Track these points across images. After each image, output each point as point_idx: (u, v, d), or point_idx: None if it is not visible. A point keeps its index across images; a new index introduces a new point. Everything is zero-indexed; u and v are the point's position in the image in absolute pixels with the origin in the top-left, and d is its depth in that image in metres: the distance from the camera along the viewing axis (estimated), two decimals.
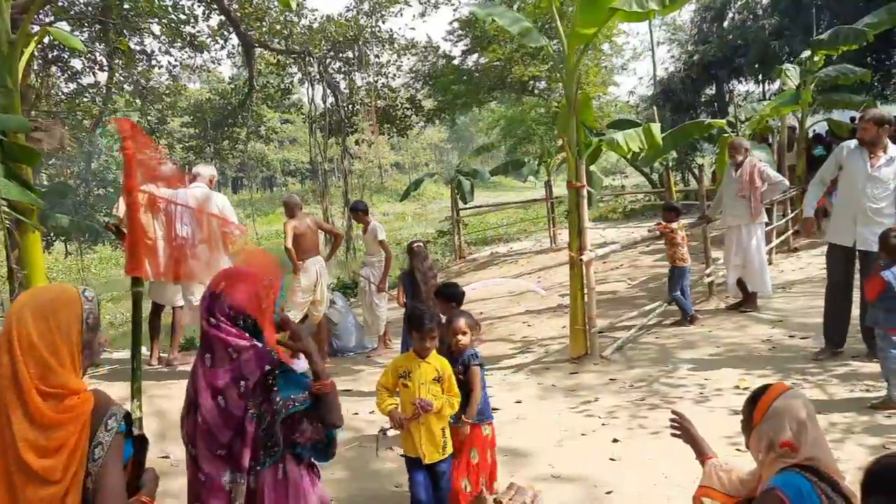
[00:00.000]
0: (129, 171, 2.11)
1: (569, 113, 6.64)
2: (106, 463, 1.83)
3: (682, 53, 22.40)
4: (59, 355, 1.83)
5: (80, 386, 1.86)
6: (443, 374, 3.68)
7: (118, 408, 1.89)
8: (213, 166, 6.73)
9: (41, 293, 1.91)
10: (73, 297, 1.91)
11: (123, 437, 1.90)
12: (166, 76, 17.70)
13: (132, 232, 2.13)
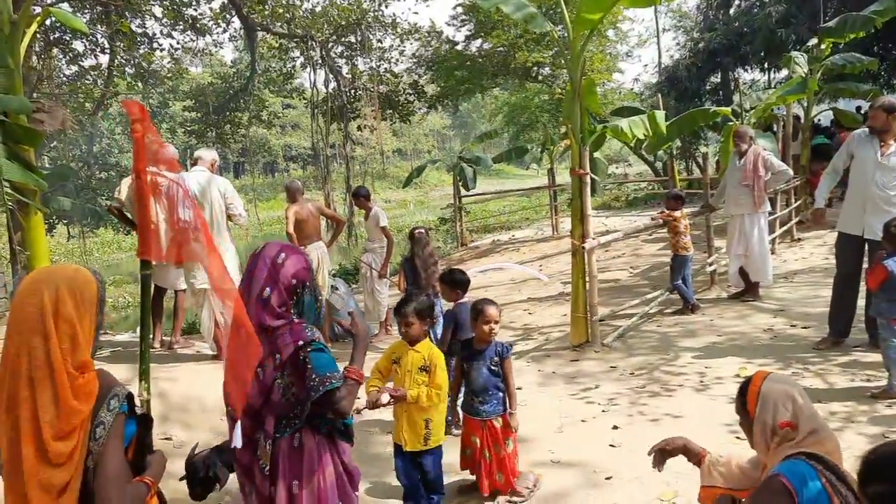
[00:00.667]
0: (139, 154, 2.11)
1: (573, 99, 6.61)
2: (107, 442, 1.83)
3: (688, 41, 22.25)
4: (84, 332, 1.86)
5: (92, 367, 1.89)
6: (430, 363, 3.66)
7: (121, 388, 1.90)
8: (215, 150, 6.70)
9: (62, 270, 1.92)
10: (90, 277, 1.94)
11: (126, 417, 1.90)
12: (168, 59, 17.64)
13: (143, 215, 2.13)
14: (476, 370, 3.84)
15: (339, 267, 13.51)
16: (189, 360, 6.32)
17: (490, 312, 3.83)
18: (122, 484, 1.87)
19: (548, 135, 17.09)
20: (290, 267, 2.42)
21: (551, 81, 19.46)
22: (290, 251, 2.47)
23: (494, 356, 3.81)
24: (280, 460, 2.40)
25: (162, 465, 2.13)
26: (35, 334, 1.80)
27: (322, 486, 2.47)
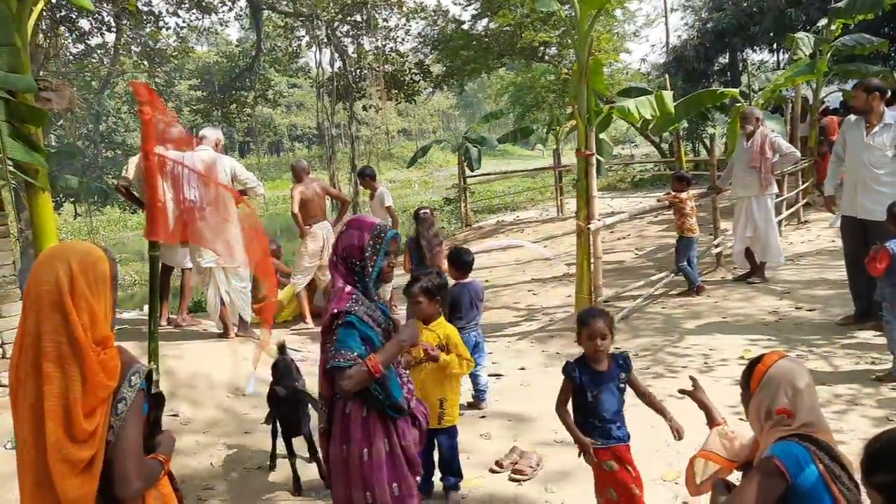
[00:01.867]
0: (147, 134, 2.11)
1: (580, 80, 6.56)
2: (127, 418, 1.85)
3: (696, 21, 22.06)
4: (102, 308, 1.88)
5: (112, 342, 1.90)
6: (447, 341, 3.66)
7: (141, 365, 1.93)
8: (220, 129, 6.69)
9: (74, 247, 1.93)
10: (102, 255, 1.95)
11: (144, 395, 1.93)
12: (174, 38, 17.54)
13: (151, 196, 2.14)
14: (606, 395, 3.11)
15: None
16: (195, 338, 6.37)
17: (595, 326, 3.08)
18: (140, 458, 1.90)
19: (554, 115, 16.99)
20: (343, 239, 2.63)
21: (558, 61, 19.31)
22: (352, 225, 2.66)
23: (620, 373, 3.14)
24: (333, 423, 2.62)
25: (171, 444, 2.15)
26: (55, 311, 1.81)
27: (367, 459, 2.55)
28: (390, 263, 2.65)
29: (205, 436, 4.82)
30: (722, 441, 2.46)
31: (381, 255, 2.58)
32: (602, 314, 3.16)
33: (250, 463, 4.44)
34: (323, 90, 19.89)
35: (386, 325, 2.64)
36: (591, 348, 3.07)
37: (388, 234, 2.61)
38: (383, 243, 2.58)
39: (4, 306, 4.70)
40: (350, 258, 2.59)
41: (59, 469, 1.79)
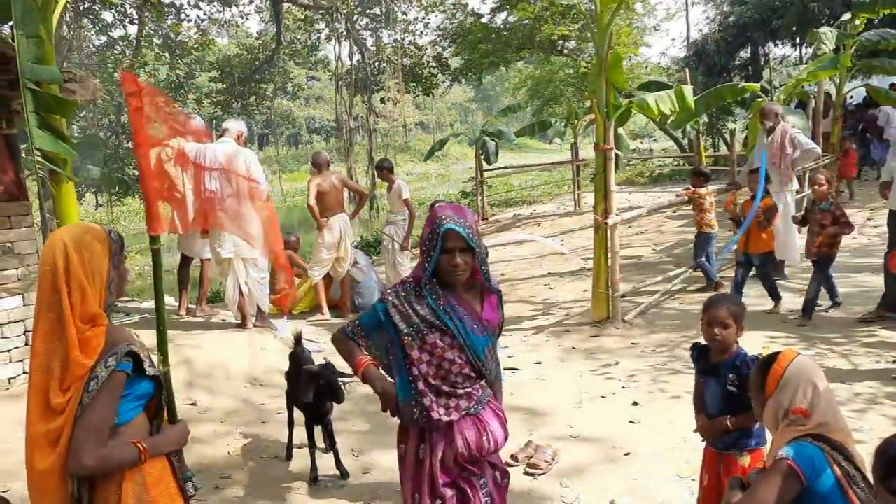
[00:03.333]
0: (137, 127, 2.06)
1: (599, 74, 6.54)
2: (96, 396, 1.84)
3: (717, 14, 21.78)
4: (94, 287, 1.90)
5: (102, 321, 1.92)
6: None
7: (124, 346, 1.90)
8: (243, 122, 6.73)
9: (74, 228, 1.98)
10: (103, 235, 1.98)
11: (128, 377, 1.91)
12: (195, 30, 17.64)
13: (147, 191, 2.11)
14: (709, 389, 2.83)
15: (361, 239, 13.58)
16: (214, 328, 6.43)
17: (713, 313, 2.78)
18: (99, 436, 1.85)
19: (572, 109, 16.91)
20: (425, 226, 2.49)
21: (577, 55, 19.18)
22: (431, 213, 2.53)
23: (730, 373, 2.73)
24: None
25: (176, 436, 2.10)
26: (52, 290, 1.87)
27: (402, 456, 2.56)
28: (451, 262, 2.36)
29: (222, 425, 4.87)
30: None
31: (437, 249, 2.35)
32: (727, 302, 2.84)
33: (267, 453, 4.49)
34: (341, 83, 19.93)
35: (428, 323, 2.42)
36: (708, 335, 2.83)
37: (442, 227, 2.34)
38: (437, 239, 2.35)
39: (29, 295, 4.78)
40: (424, 246, 2.45)
41: (32, 439, 1.88)
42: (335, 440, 4.21)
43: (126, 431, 1.95)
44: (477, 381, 2.50)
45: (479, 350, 2.45)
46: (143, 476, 1.96)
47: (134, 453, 1.93)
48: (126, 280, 2.11)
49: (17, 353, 4.76)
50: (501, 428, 2.55)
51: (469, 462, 2.48)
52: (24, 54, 4.21)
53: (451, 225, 2.33)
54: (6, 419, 4.31)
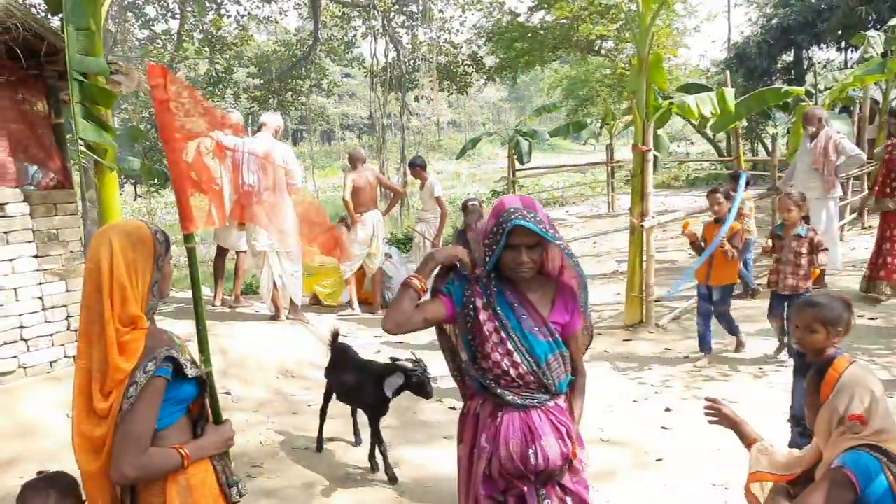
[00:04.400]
0: (163, 121, 1.96)
1: (639, 74, 6.46)
2: (135, 403, 1.80)
3: (760, 17, 21.44)
4: (136, 288, 1.86)
5: (143, 324, 1.88)
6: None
7: (163, 350, 1.86)
8: (280, 116, 6.79)
9: (122, 226, 1.93)
10: (146, 234, 1.93)
11: (168, 382, 1.86)
12: (235, 26, 17.86)
13: (178, 189, 2.03)
14: (796, 389, 2.76)
15: (391, 235, 13.63)
16: (248, 319, 6.51)
17: (800, 315, 2.66)
18: (139, 445, 1.82)
19: (608, 110, 16.76)
20: (488, 216, 2.31)
21: (614, 55, 19.02)
22: (495, 205, 2.30)
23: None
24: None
25: (219, 440, 2.03)
26: (95, 290, 1.84)
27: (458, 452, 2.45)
28: (515, 259, 2.20)
29: (254, 414, 4.93)
30: (764, 456, 2.39)
31: (500, 246, 2.19)
32: (817, 305, 2.66)
33: (297, 443, 4.53)
34: (376, 80, 20.02)
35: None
36: (795, 339, 2.75)
37: (510, 222, 2.16)
38: (502, 234, 2.17)
39: (71, 281, 4.88)
40: (484, 241, 2.27)
41: (78, 442, 1.87)
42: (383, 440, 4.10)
43: (168, 436, 1.92)
44: (538, 391, 2.27)
45: (539, 356, 2.23)
46: (186, 479, 1.92)
47: (176, 460, 1.89)
48: (169, 280, 2.05)
49: (59, 337, 4.86)
50: (558, 444, 2.25)
51: (516, 477, 2.24)
52: (73, 46, 4.30)
53: (520, 221, 2.14)
54: (48, 401, 4.42)
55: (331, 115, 50.52)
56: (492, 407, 2.29)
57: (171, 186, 12.38)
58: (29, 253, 4.73)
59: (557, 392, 2.30)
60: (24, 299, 4.70)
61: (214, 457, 2.02)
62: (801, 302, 2.75)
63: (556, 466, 2.23)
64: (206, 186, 6.14)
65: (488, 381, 2.27)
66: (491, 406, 2.30)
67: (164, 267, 1.98)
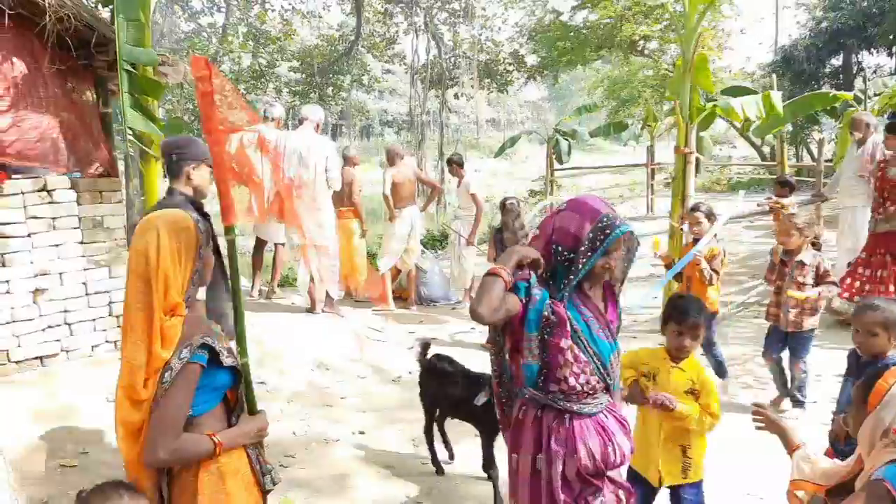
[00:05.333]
0: (207, 113, 1.96)
1: (684, 75, 6.37)
2: (169, 388, 1.84)
3: (809, 19, 20.93)
4: (177, 277, 1.90)
5: (181, 311, 1.91)
6: (699, 385, 2.87)
7: (199, 338, 1.89)
8: (321, 110, 6.85)
9: (167, 215, 1.96)
10: (189, 223, 1.96)
11: (202, 368, 1.89)
12: (279, 20, 18.06)
13: (220, 181, 2.04)
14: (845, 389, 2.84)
15: (427, 232, 13.65)
16: (284, 311, 6.59)
17: (861, 319, 2.66)
18: (173, 429, 1.85)
19: (650, 111, 16.55)
20: (559, 220, 2.18)
21: (658, 56, 18.77)
22: (572, 207, 2.19)
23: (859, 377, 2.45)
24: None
25: (252, 429, 2.05)
26: (139, 279, 1.88)
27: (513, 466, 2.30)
28: (606, 265, 2.16)
29: (289, 405, 4.99)
30: (806, 464, 2.34)
31: (598, 252, 2.11)
32: (879, 308, 2.64)
33: (330, 435, 4.57)
34: (417, 77, 20.07)
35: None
36: (855, 341, 2.72)
37: (616, 229, 2.08)
38: (607, 240, 2.09)
39: (114, 268, 4.99)
40: (559, 244, 2.16)
41: (120, 431, 1.91)
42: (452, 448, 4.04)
43: (202, 422, 1.95)
44: (603, 392, 2.26)
45: (605, 358, 2.22)
46: (218, 467, 1.95)
47: (209, 446, 1.92)
48: (210, 269, 2.07)
49: (101, 322, 4.98)
50: (627, 439, 2.31)
51: (593, 475, 2.23)
52: (123, 36, 4.40)
53: (629, 227, 2.09)
54: (89, 385, 4.53)
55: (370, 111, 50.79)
56: (555, 412, 2.25)
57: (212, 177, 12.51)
58: (74, 239, 4.85)
59: (614, 391, 2.32)
60: (69, 284, 4.82)
61: (249, 445, 2.05)
62: (860, 305, 2.71)
63: (628, 461, 2.31)
64: (248, 179, 6.27)
65: (555, 398, 2.22)
66: (554, 412, 2.25)
67: (206, 256, 2.00)
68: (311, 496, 3.78)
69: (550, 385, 2.21)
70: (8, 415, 4.13)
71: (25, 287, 4.59)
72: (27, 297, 4.61)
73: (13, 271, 4.53)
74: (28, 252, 4.60)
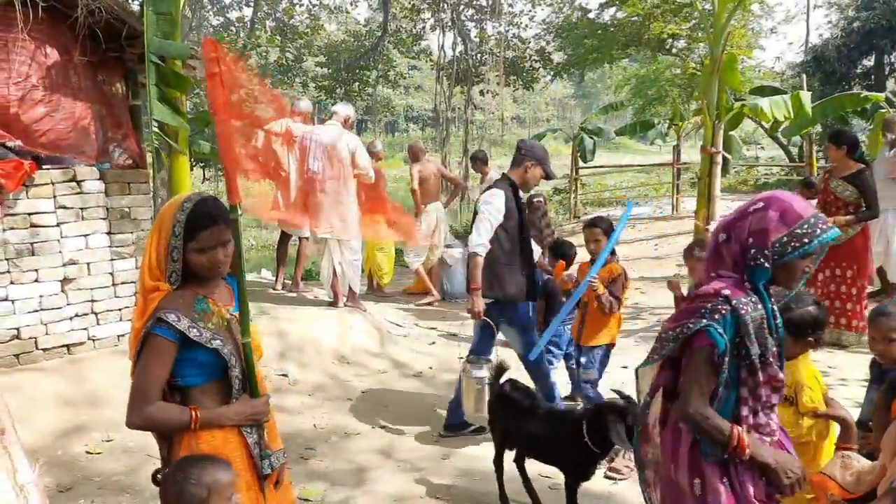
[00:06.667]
0: (215, 95, 1.98)
1: (712, 74, 6.31)
2: (138, 358, 1.95)
3: (841, 19, 20.59)
4: (154, 259, 1.99)
5: (163, 287, 1.98)
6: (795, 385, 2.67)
7: (161, 312, 1.93)
8: (351, 107, 6.87)
9: (167, 204, 2.07)
10: (175, 202, 2.02)
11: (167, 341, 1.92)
12: (306, 15, 18.16)
13: (225, 161, 2.06)
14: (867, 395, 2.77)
15: (450, 229, 13.65)
16: (307, 304, 6.63)
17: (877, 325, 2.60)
18: (142, 395, 1.93)
19: (677, 110, 16.39)
20: (754, 218, 1.97)
21: (686, 55, 18.57)
22: (774, 205, 1.97)
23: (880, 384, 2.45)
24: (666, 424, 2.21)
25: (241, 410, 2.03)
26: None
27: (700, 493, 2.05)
28: (807, 269, 2.01)
29: (310, 398, 5.02)
30: (843, 462, 2.31)
31: (799, 253, 1.92)
32: (886, 316, 2.58)
33: (350, 429, 4.60)
34: (443, 73, 20.07)
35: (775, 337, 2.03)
36: (872, 348, 2.65)
37: (820, 235, 1.89)
38: (804, 246, 1.91)
39: (140, 258, 5.06)
40: (753, 246, 1.96)
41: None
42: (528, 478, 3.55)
43: (195, 396, 2.00)
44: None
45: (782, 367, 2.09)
46: (197, 444, 1.96)
47: (184, 417, 1.94)
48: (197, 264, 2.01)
49: (126, 312, 5.05)
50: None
51: (769, 498, 2.10)
52: (152, 29, 4.45)
53: (831, 235, 1.92)
54: (115, 373, 4.59)
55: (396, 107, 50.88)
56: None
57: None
58: (102, 230, 4.92)
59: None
60: (96, 274, 4.90)
61: (247, 428, 2.05)
62: (874, 312, 2.65)
63: None
64: (274, 173, 6.31)
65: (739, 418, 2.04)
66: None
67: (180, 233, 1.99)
68: (330, 488, 3.80)
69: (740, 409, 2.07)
70: (35, 401, 4.21)
71: (54, 276, 4.67)
72: (55, 285, 4.69)
73: (42, 260, 4.62)
74: (57, 241, 4.68)
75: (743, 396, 2.00)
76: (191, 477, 1.83)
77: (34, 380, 4.41)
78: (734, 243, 2.00)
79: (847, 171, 5.74)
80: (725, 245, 2.02)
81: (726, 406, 2.00)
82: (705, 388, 1.98)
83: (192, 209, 1.98)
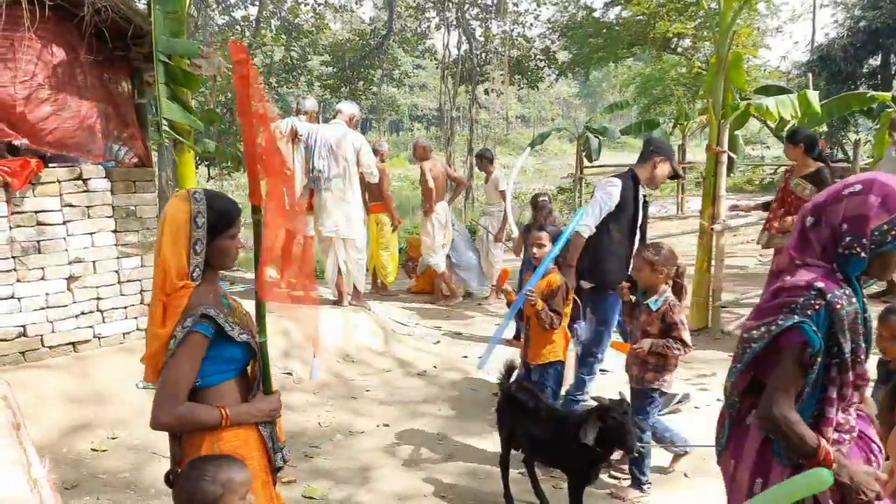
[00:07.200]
0: (242, 96, 2.00)
1: (717, 73, 6.29)
2: (173, 356, 1.91)
3: (847, 18, 20.51)
4: (173, 256, 1.95)
5: (189, 285, 1.95)
6: None
7: (201, 308, 1.92)
8: (356, 105, 6.88)
9: (171, 201, 2.03)
10: (184, 198, 2.00)
11: (207, 339, 1.93)
12: (311, 14, 18.17)
13: (250, 163, 2.09)
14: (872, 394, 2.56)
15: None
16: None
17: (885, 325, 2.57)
18: (174, 394, 1.90)
19: (682, 110, 16.36)
20: (850, 203, 1.80)
21: (691, 54, 18.53)
22: (875, 189, 1.78)
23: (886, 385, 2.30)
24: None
25: (263, 408, 2.06)
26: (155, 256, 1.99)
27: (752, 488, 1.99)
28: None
29: (314, 396, 5.03)
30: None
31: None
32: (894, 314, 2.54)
33: (354, 427, 4.60)
34: (447, 72, 20.07)
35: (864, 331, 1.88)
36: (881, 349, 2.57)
37: None
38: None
39: (146, 257, 5.07)
40: (848, 233, 1.80)
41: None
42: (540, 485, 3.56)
43: (215, 394, 1.99)
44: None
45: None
46: (220, 443, 1.97)
47: (215, 417, 1.95)
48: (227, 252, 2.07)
49: (132, 310, 5.06)
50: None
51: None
52: (159, 28, 4.46)
53: None
54: (120, 371, 4.61)
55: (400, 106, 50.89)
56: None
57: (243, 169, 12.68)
58: (108, 228, 4.93)
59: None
60: (102, 272, 4.91)
61: (260, 425, 2.07)
62: (885, 311, 2.64)
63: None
64: (279, 171, 6.31)
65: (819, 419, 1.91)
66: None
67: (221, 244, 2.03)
68: (334, 486, 3.81)
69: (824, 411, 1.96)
70: (41, 399, 4.23)
71: (60, 274, 4.69)
72: (61, 283, 4.70)
73: (48, 258, 4.63)
74: (63, 239, 4.69)
75: (830, 397, 1.86)
76: (206, 474, 1.83)
77: (40, 377, 4.42)
78: (825, 227, 1.83)
79: (806, 170, 5.70)
80: (814, 229, 1.86)
81: (808, 406, 1.87)
82: (792, 389, 1.83)
83: (208, 200, 2.00)
